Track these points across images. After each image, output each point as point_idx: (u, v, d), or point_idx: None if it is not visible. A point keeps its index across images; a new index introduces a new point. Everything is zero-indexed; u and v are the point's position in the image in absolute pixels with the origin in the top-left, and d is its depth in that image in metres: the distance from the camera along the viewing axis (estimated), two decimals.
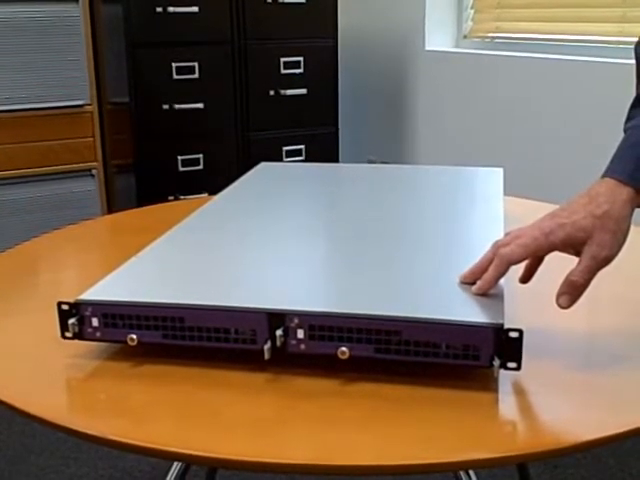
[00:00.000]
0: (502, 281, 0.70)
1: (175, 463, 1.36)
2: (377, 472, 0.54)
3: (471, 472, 1.41)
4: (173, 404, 0.62)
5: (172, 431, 0.58)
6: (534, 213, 0.74)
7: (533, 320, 0.76)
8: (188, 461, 0.64)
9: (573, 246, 0.69)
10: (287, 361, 0.67)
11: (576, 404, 0.62)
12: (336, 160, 2.78)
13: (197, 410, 0.61)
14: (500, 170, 1.16)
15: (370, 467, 0.54)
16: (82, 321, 0.69)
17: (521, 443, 0.56)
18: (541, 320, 0.76)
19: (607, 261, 0.68)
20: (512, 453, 0.55)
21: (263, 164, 1.26)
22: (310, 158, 2.70)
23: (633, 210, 0.71)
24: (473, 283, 0.70)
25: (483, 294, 0.68)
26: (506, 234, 0.73)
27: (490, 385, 0.64)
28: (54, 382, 0.67)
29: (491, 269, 0.69)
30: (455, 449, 0.55)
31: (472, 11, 2.73)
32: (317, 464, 0.54)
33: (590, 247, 0.68)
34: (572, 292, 0.68)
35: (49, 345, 0.72)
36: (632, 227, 0.71)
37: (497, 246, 0.71)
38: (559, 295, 0.68)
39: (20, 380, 0.67)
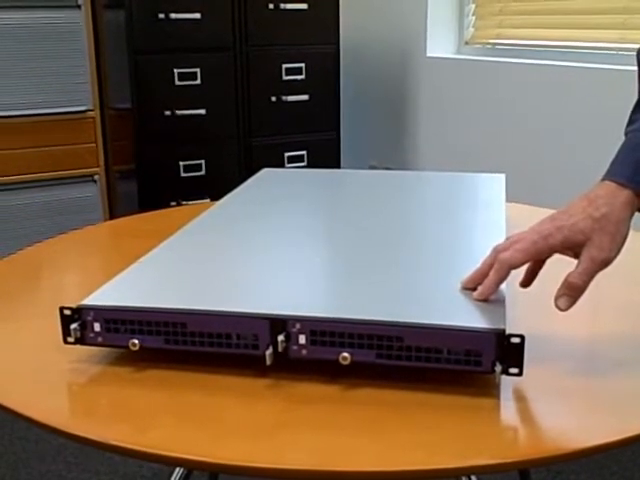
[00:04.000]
0: (503, 286, 0.71)
1: (177, 468, 1.36)
2: (378, 478, 0.54)
3: (473, 477, 1.40)
4: (175, 409, 0.62)
5: (174, 436, 0.58)
6: (536, 219, 0.74)
7: (535, 325, 0.76)
8: (190, 466, 0.64)
9: (572, 248, 0.70)
10: (289, 366, 0.67)
11: (578, 410, 0.62)
12: (338, 166, 2.78)
13: (199, 415, 0.61)
14: (502, 176, 1.17)
15: (371, 473, 0.54)
16: (84, 326, 0.69)
17: (523, 449, 0.56)
18: (543, 325, 0.76)
19: (606, 263, 0.68)
20: (514, 459, 0.55)
21: (265, 170, 1.26)
22: (312, 164, 2.70)
23: (633, 213, 0.71)
24: (475, 289, 0.70)
25: (484, 300, 0.69)
26: (506, 239, 0.73)
27: (491, 391, 0.64)
28: (56, 387, 0.67)
29: (491, 274, 0.69)
30: (457, 455, 0.55)
31: (473, 18, 2.73)
32: (318, 470, 0.54)
33: (589, 249, 0.68)
34: (571, 294, 0.68)
35: (51, 350, 0.73)
36: (633, 232, 0.71)
37: (497, 251, 0.71)
38: (558, 297, 0.68)
39: (22, 385, 0.67)
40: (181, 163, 2.50)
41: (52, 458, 1.79)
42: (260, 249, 0.85)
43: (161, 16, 2.36)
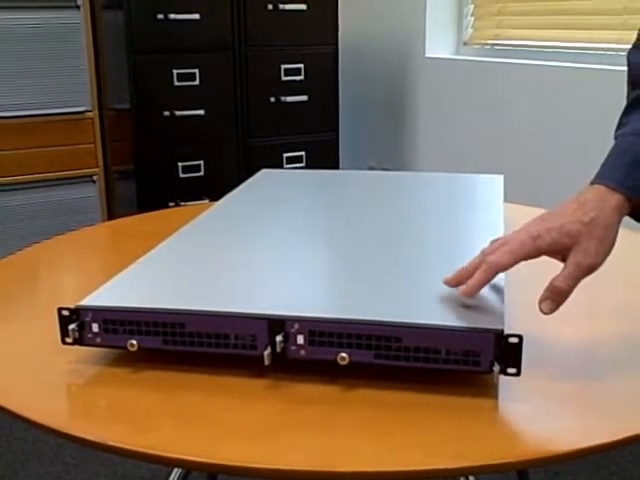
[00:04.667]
0: (502, 285, 0.71)
1: (175, 469, 1.36)
2: (376, 478, 0.54)
3: (471, 478, 1.40)
4: (173, 410, 0.62)
5: (172, 437, 0.58)
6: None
7: (532, 327, 0.76)
8: (188, 467, 0.64)
9: (559, 251, 0.69)
10: (287, 367, 0.67)
11: (575, 411, 0.62)
12: (337, 167, 2.78)
13: (197, 416, 0.61)
14: (500, 177, 1.17)
15: (370, 473, 0.54)
16: (82, 327, 0.69)
17: (520, 449, 0.56)
18: (540, 327, 0.76)
19: (592, 269, 0.68)
20: (511, 459, 0.55)
21: (264, 171, 1.26)
22: (310, 165, 2.71)
23: (621, 218, 0.70)
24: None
25: (468, 296, 0.68)
26: (493, 241, 0.73)
27: (490, 391, 0.64)
28: (54, 388, 0.67)
29: (478, 273, 0.69)
30: (455, 455, 0.55)
31: (472, 18, 2.73)
32: (317, 470, 0.54)
33: (575, 253, 0.67)
34: (555, 298, 0.68)
35: (49, 351, 0.72)
36: (630, 233, 0.71)
37: (485, 253, 0.71)
38: (542, 300, 0.68)
39: (20, 386, 0.67)
40: (180, 164, 2.50)
41: (50, 459, 1.79)
42: (258, 250, 0.85)
43: (160, 16, 2.36)
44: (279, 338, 0.64)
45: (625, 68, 0.86)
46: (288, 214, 0.99)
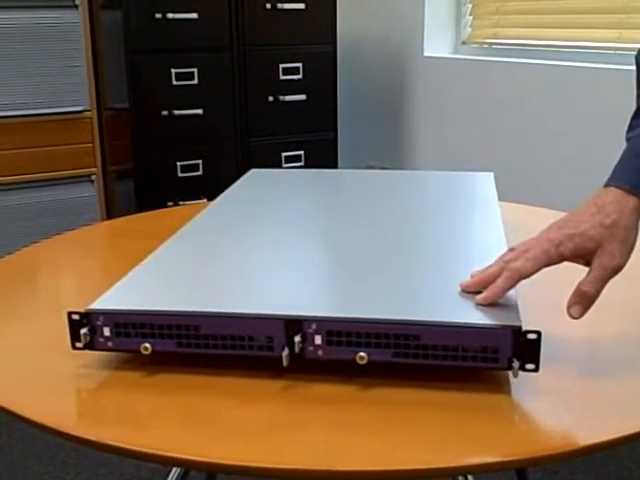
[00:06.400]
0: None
1: (174, 468, 1.35)
2: (381, 477, 0.54)
3: (470, 477, 1.40)
4: (182, 412, 0.61)
5: (177, 437, 0.57)
6: (532, 218, 0.74)
7: (543, 324, 0.76)
8: (191, 467, 0.63)
9: (583, 256, 0.70)
10: (305, 367, 0.66)
11: (581, 409, 0.62)
12: (335, 166, 2.78)
13: (199, 415, 0.61)
14: (491, 174, 1.17)
15: (374, 472, 0.54)
16: (93, 331, 0.67)
17: (526, 447, 0.56)
18: (548, 326, 0.76)
19: (617, 270, 0.69)
20: (517, 457, 0.55)
21: (253, 171, 1.26)
22: (309, 164, 2.70)
23: (638, 218, 0.71)
24: (475, 293, 0.69)
25: (487, 305, 0.67)
26: (510, 249, 0.73)
27: (504, 389, 0.64)
28: (56, 388, 0.66)
29: (501, 280, 0.68)
30: (459, 453, 0.55)
31: (470, 17, 2.74)
32: (319, 469, 0.54)
33: (600, 257, 0.68)
34: (583, 302, 0.68)
35: (53, 352, 0.71)
36: None
37: (505, 260, 0.70)
38: (570, 305, 0.69)
39: (23, 387, 0.66)
40: (178, 163, 2.49)
41: (50, 459, 1.78)
42: (264, 249, 0.84)
43: (158, 16, 2.35)
44: (297, 339, 0.64)
45: (631, 67, 0.87)
46: (289, 213, 0.99)
